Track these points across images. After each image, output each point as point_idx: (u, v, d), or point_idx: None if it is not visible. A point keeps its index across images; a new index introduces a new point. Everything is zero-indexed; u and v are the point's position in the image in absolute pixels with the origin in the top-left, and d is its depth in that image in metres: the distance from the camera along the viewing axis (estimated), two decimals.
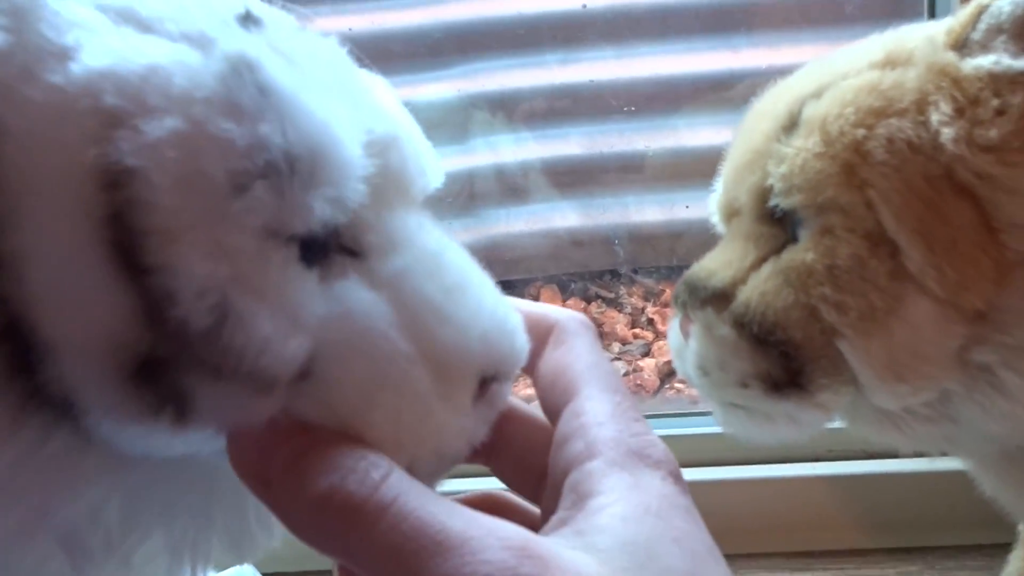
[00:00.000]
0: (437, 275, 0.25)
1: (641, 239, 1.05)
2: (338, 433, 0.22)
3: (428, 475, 0.24)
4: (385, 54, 1.04)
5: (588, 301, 1.10)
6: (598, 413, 0.26)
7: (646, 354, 1.01)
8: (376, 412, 0.23)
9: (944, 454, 0.40)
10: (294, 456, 0.21)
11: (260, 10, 0.24)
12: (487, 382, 0.26)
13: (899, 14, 0.83)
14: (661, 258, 1.05)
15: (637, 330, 1.05)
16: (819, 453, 0.58)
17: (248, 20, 0.23)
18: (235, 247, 0.20)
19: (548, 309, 0.30)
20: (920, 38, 0.36)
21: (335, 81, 0.24)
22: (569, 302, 1.09)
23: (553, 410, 0.27)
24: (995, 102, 0.32)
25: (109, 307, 0.20)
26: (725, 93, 1.01)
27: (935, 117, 0.33)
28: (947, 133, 0.32)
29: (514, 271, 1.07)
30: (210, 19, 0.22)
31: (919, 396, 0.35)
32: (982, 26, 0.34)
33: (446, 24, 1.03)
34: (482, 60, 1.03)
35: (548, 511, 0.25)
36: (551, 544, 0.21)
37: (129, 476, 0.23)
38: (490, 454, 0.28)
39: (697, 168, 0.99)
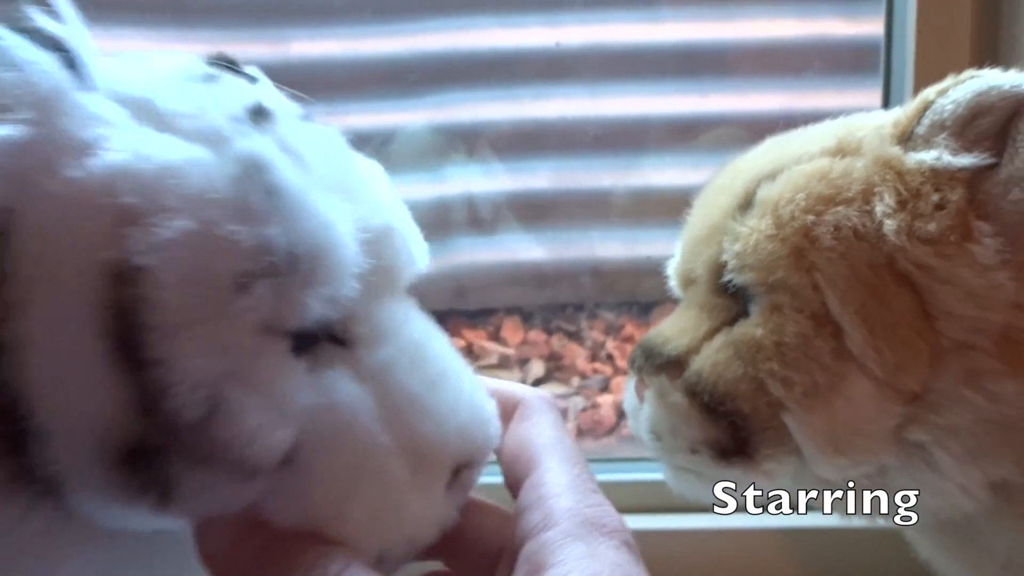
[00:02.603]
0: (421, 367, 0.25)
1: (604, 275, 1.06)
2: (302, 529, 0.23)
3: (398, 560, 0.24)
4: (359, 80, 1.05)
5: (550, 333, 1.11)
6: (556, 484, 0.26)
7: (604, 389, 1.02)
8: (353, 503, 0.23)
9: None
10: (259, 551, 0.22)
11: (270, 102, 0.24)
12: (460, 469, 0.26)
13: (860, 68, 0.86)
14: (623, 295, 1.06)
15: (597, 364, 1.07)
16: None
17: (259, 115, 0.23)
18: (232, 343, 0.21)
19: (514, 387, 0.31)
20: (870, 128, 0.37)
21: (336, 174, 0.24)
22: (531, 333, 1.09)
23: (515, 483, 0.28)
24: (935, 196, 0.34)
25: (105, 397, 0.20)
26: (692, 135, 1.03)
27: (879, 208, 0.34)
28: (889, 224, 0.34)
29: (478, 302, 1.08)
30: (224, 115, 0.23)
31: (858, 469, 0.36)
32: (926, 121, 0.35)
33: (422, 54, 1.04)
34: (455, 91, 1.04)
35: None
36: None
37: (104, 550, 0.23)
38: (442, 546, 0.28)
39: (661, 208, 1.00)
